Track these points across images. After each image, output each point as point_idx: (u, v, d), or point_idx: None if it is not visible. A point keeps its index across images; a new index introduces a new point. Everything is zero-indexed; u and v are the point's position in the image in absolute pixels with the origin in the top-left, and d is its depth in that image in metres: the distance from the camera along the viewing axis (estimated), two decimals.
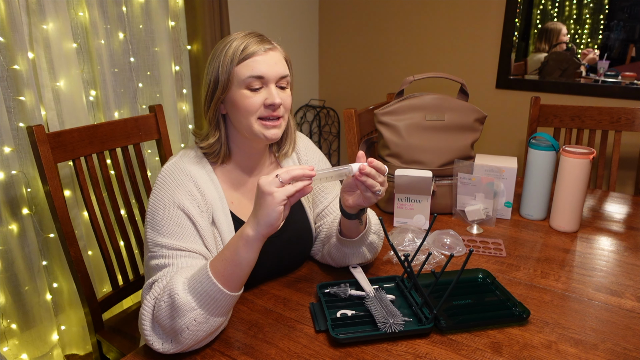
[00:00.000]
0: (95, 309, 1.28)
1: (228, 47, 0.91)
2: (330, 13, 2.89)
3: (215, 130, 0.97)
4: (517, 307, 0.92)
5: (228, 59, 0.91)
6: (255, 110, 0.92)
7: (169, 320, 0.78)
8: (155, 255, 0.87)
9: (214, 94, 0.93)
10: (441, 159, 1.38)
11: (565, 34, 2.22)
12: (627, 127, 1.77)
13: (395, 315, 0.86)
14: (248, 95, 0.91)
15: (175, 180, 0.92)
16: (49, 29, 1.54)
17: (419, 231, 1.22)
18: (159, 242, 0.87)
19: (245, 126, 0.93)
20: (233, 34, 0.95)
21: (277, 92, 0.92)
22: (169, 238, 0.87)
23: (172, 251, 0.87)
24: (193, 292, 0.78)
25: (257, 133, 0.93)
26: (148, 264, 0.89)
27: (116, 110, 1.82)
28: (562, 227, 1.29)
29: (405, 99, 1.41)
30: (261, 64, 0.90)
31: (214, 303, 0.78)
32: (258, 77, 0.91)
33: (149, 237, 0.89)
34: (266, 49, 0.92)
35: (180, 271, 0.83)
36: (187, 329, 0.77)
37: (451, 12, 2.48)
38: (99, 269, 1.79)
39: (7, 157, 1.51)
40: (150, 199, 0.92)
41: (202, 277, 0.78)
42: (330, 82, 3.02)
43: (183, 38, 2.04)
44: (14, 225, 1.56)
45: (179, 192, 0.91)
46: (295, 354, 0.82)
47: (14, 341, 1.61)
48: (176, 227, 0.88)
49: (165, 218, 0.89)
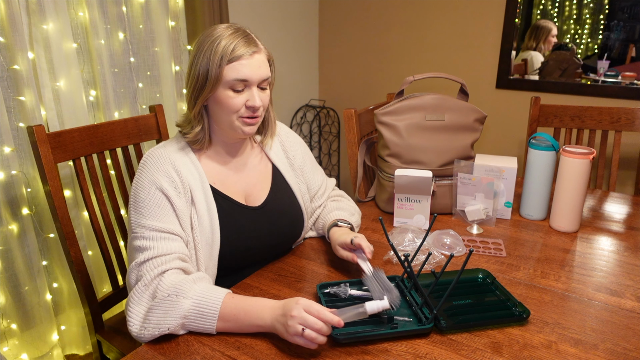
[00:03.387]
0: (95, 309, 1.28)
1: (217, 45, 0.94)
2: (330, 13, 2.89)
3: (200, 121, 1.02)
4: (517, 307, 0.92)
5: (217, 58, 0.94)
6: (237, 110, 0.98)
7: (162, 314, 0.83)
8: (137, 236, 0.92)
9: (202, 90, 0.97)
10: (441, 159, 1.38)
11: (555, 34, 2.23)
12: (627, 127, 1.77)
13: (391, 291, 0.87)
14: (231, 96, 0.97)
15: (154, 164, 0.98)
16: (49, 29, 1.54)
17: (419, 231, 1.22)
18: (141, 223, 0.93)
19: (225, 122, 1.00)
20: (219, 28, 0.98)
21: (258, 94, 0.98)
22: (150, 219, 0.93)
23: (153, 232, 0.92)
24: (194, 307, 0.84)
25: (236, 129, 1.01)
26: (131, 244, 0.94)
27: (116, 110, 1.82)
28: (562, 227, 1.29)
29: (405, 99, 1.41)
30: (246, 67, 0.95)
31: (197, 325, 0.85)
32: (242, 80, 0.96)
33: (132, 218, 0.95)
34: (252, 52, 0.96)
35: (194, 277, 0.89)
36: (167, 329, 0.84)
37: (451, 12, 2.48)
38: (99, 269, 1.79)
39: (7, 157, 1.51)
40: (133, 183, 0.98)
41: (211, 305, 0.84)
42: (330, 82, 3.02)
43: (183, 38, 2.04)
44: (14, 225, 1.56)
45: (158, 174, 0.96)
46: (295, 354, 0.82)
47: (14, 341, 1.61)
48: (156, 208, 0.94)
49: (146, 200, 0.94)
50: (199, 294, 0.85)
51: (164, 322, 0.83)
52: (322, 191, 1.26)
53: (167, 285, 0.86)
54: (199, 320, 0.85)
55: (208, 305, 0.84)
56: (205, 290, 0.86)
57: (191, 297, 0.85)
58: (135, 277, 0.89)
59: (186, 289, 0.85)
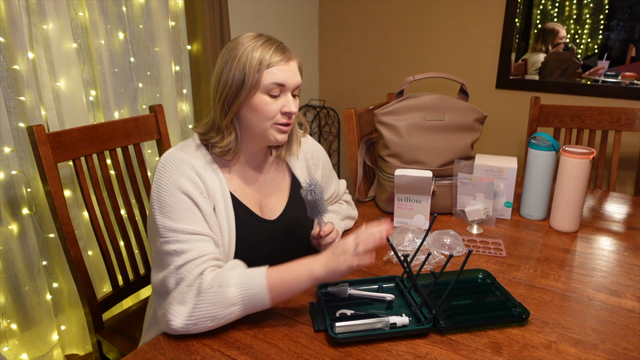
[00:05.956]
0: (95, 309, 1.28)
1: (253, 52, 0.93)
2: (330, 13, 2.89)
3: (232, 130, 0.99)
4: (516, 307, 0.92)
5: (255, 63, 0.93)
6: (273, 116, 0.97)
7: (211, 307, 0.84)
8: (170, 240, 0.90)
9: (237, 96, 0.95)
10: (441, 159, 1.38)
11: (563, 36, 2.23)
12: (627, 127, 1.77)
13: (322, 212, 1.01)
14: (268, 101, 0.96)
15: (176, 168, 0.95)
16: (49, 29, 1.54)
17: (419, 231, 1.22)
18: (172, 227, 0.90)
19: (259, 128, 0.98)
20: (248, 36, 0.97)
21: (292, 100, 0.98)
22: (181, 223, 0.91)
23: (188, 235, 0.90)
24: (242, 291, 0.85)
25: (270, 136, 0.99)
26: (161, 248, 0.90)
27: (116, 110, 1.82)
28: (562, 227, 1.29)
29: (405, 99, 1.41)
30: (283, 72, 0.96)
31: (252, 308, 0.86)
32: (279, 85, 0.95)
33: (159, 223, 0.91)
34: (288, 58, 0.97)
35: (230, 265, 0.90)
36: (222, 320, 0.85)
37: (451, 12, 2.48)
38: (99, 269, 1.79)
39: (7, 157, 1.51)
40: (154, 187, 0.95)
41: (256, 282, 0.86)
42: (330, 82, 3.02)
43: (183, 38, 2.04)
44: (14, 225, 1.56)
45: (182, 178, 0.94)
46: (295, 354, 0.82)
47: (14, 341, 1.62)
48: (185, 212, 0.92)
49: (173, 204, 0.92)
50: (240, 279, 0.86)
51: (215, 313, 0.84)
52: (333, 198, 1.28)
53: (208, 281, 0.86)
54: (251, 302, 0.86)
55: (253, 285, 0.85)
56: (245, 272, 0.88)
57: (234, 284, 0.85)
58: (175, 280, 0.87)
59: (226, 278, 0.86)
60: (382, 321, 0.85)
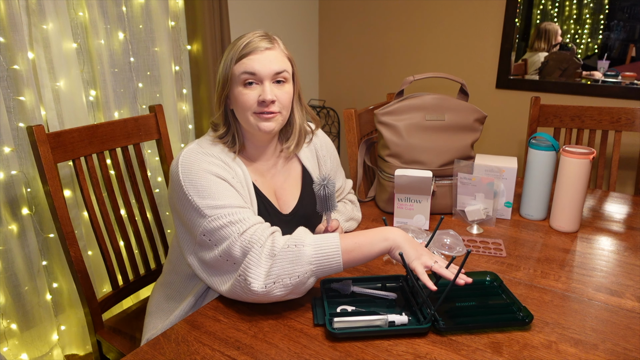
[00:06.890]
0: (95, 309, 1.28)
1: (233, 46, 0.98)
2: (330, 13, 2.89)
3: (225, 124, 1.04)
4: (521, 311, 0.91)
5: (230, 56, 0.98)
6: (250, 106, 0.98)
7: (288, 265, 0.86)
8: (219, 216, 0.90)
9: (223, 90, 1.00)
10: (441, 159, 1.38)
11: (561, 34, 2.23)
12: (627, 127, 1.77)
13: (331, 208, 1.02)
14: (244, 92, 0.98)
15: (202, 158, 0.97)
16: (49, 29, 1.54)
17: (419, 231, 1.22)
18: (217, 205, 0.91)
19: (244, 118, 1.01)
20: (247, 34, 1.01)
21: (271, 88, 0.98)
22: (226, 199, 0.92)
23: (236, 208, 0.92)
24: (317, 250, 0.87)
25: (253, 125, 1.00)
26: (211, 226, 0.90)
27: (116, 110, 1.82)
28: (562, 227, 1.29)
29: (405, 99, 1.41)
30: (255, 62, 0.96)
31: (327, 268, 0.88)
32: (251, 74, 0.96)
33: (201, 205, 0.91)
34: (264, 48, 0.97)
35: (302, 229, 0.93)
36: (298, 279, 0.86)
37: (451, 12, 2.48)
38: (99, 269, 1.79)
39: (7, 157, 1.51)
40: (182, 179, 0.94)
41: (331, 242, 0.88)
42: (330, 82, 3.02)
43: (183, 38, 2.04)
44: (14, 225, 1.56)
45: (211, 165, 0.96)
46: (295, 354, 0.82)
47: (14, 341, 1.61)
48: (225, 191, 0.93)
49: (211, 186, 0.93)
50: (315, 239, 0.89)
51: (292, 270, 0.86)
52: (338, 194, 1.28)
53: (282, 241, 0.88)
54: (325, 262, 0.87)
55: (328, 245, 0.88)
56: (319, 236, 0.90)
57: (309, 244, 0.87)
58: (241, 246, 0.87)
59: (302, 237, 0.89)
60: (381, 319, 0.86)
